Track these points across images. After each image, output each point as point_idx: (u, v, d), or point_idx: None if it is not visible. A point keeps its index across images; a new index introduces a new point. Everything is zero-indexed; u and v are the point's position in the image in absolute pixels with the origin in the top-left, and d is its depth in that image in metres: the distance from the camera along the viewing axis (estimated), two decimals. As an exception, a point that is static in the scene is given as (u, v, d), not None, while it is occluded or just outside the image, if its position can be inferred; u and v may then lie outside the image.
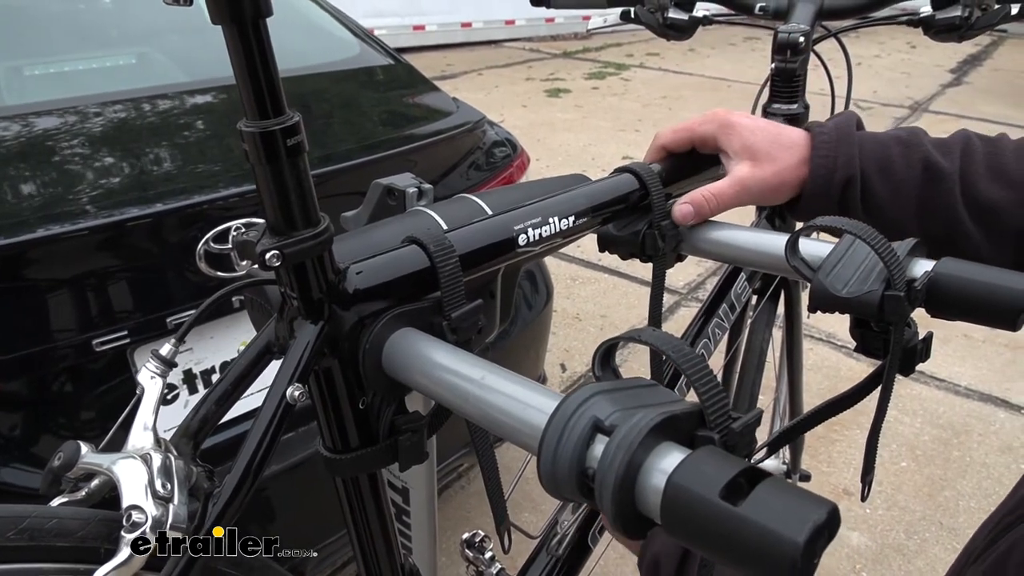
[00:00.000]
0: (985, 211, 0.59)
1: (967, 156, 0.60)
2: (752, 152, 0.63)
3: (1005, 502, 0.47)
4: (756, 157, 0.63)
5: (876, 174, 0.61)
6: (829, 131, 0.64)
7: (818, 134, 0.64)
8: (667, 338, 0.38)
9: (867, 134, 0.64)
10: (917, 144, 0.62)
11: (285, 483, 1.19)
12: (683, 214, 0.64)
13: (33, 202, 1.04)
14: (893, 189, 0.61)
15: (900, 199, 0.61)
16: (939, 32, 0.87)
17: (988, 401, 2.37)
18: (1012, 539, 0.41)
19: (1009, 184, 0.58)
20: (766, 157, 0.63)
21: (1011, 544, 0.41)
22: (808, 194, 0.63)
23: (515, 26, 8.48)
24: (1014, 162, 0.59)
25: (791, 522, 0.28)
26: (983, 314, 0.50)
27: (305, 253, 0.43)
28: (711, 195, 0.63)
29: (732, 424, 0.34)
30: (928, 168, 0.60)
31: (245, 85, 0.37)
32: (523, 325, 1.59)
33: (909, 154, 0.61)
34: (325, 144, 1.31)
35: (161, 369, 0.45)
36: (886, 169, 0.61)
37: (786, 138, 0.64)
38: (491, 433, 0.46)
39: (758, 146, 0.63)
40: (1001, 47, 8.47)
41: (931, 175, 0.60)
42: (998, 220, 0.58)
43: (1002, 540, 0.42)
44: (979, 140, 0.62)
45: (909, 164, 0.61)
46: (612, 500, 0.32)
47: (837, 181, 0.62)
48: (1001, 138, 0.63)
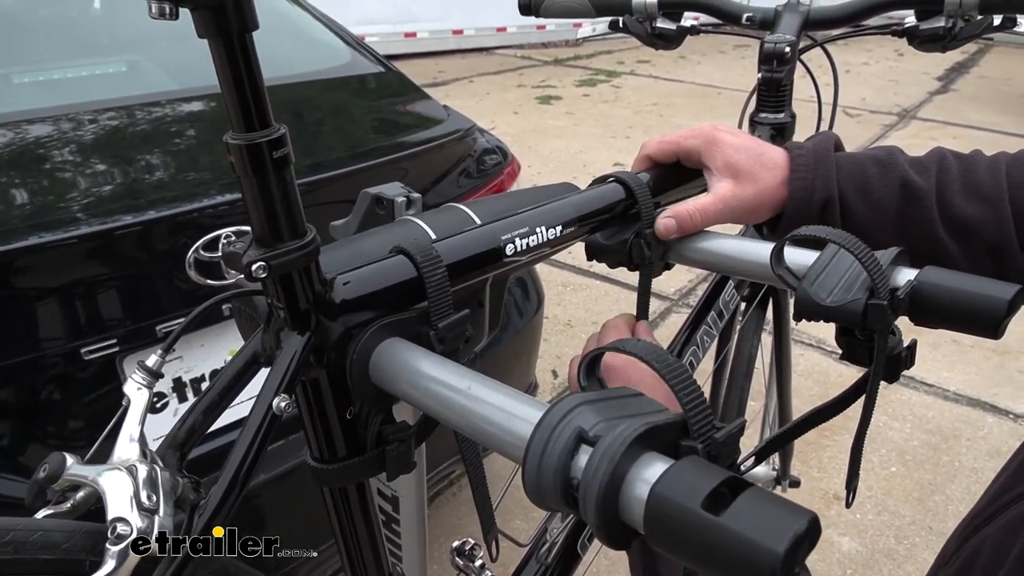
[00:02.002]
0: (961, 227, 0.60)
1: (943, 174, 0.62)
2: (735, 171, 0.65)
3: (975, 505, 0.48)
4: (738, 176, 0.65)
5: (854, 194, 0.63)
6: (807, 152, 0.65)
7: (796, 156, 0.65)
8: (651, 348, 0.38)
9: (844, 155, 0.66)
10: (893, 164, 0.63)
11: (273, 491, 1.19)
12: (666, 228, 0.65)
13: (22, 210, 1.04)
14: (872, 209, 0.62)
15: (879, 218, 0.62)
16: (923, 42, 0.88)
17: (977, 406, 2.39)
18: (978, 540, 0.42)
19: (984, 200, 0.60)
20: (747, 177, 0.64)
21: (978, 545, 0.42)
22: (788, 215, 0.65)
23: (506, 33, 8.51)
24: (988, 178, 0.60)
25: (771, 532, 0.28)
26: (965, 322, 0.51)
27: (291, 264, 0.43)
28: (695, 210, 0.65)
29: (715, 434, 0.35)
30: (905, 187, 0.61)
31: (231, 98, 0.38)
32: (514, 332, 1.59)
33: (886, 174, 0.62)
34: (315, 152, 1.31)
35: (147, 380, 0.45)
36: (864, 189, 0.63)
37: (768, 158, 0.65)
38: (477, 443, 0.46)
39: (740, 165, 0.65)
40: (988, 55, 8.55)
41: (908, 194, 0.61)
42: (974, 236, 0.60)
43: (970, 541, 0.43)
44: (954, 157, 0.63)
45: (887, 184, 0.62)
46: (596, 510, 0.32)
47: (816, 202, 0.63)
48: (975, 154, 0.64)
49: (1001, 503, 0.43)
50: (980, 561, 0.40)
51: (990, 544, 0.40)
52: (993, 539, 0.40)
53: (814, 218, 0.63)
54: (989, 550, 0.40)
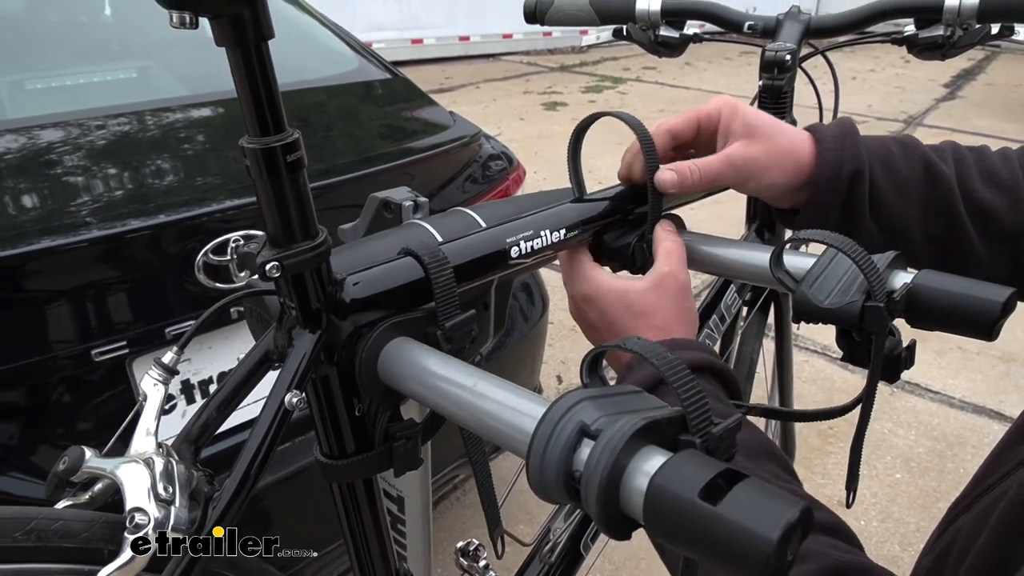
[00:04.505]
0: (982, 213, 0.60)
1: (960, 162, 0.62)
2: (751, 130, 0.62)
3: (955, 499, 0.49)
4: (753, 135, 0.62)
5: (881, 170, 0.61)
6: (832, 129, 0.63)
7: (820, 130, 0.63)
8: (651, 346, 0.39)
9: (867, 136, 0.64)
10: (915, 147, 0.62)
11: (283, 491, 1.20)
12: (666, 179, 0.62)
13: (34, 214, 1.05)
14: (897, 187, 0.61)
15: (904, 198, 0.61)
16: (923, 50, 0.89)
17: (982, 413, 2.39)
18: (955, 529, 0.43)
19: (1001, 188, 0.60)
20: (763, 137, 0.62)
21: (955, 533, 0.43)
22: (816, 187, 0.62)
23: (513, 40, 8.54)
24: (1003, 167, 0.61)
25: (765, 520, 0.29)
26: (960, 324, 0.52)
27: (304, 264, 0.44)
28: (696, 167, 0.62)
29: (713, 429, 0.36)
30: (928, 168, 0.61)
31: (247, 104, 0.39)
32: (519, 336, 1.60)
33: (909, 155, 0.62)
34: (324, 157, 1.33)
35: (163, 376, 0.47)
36: (889, 167, 0.61)
37: (787, 127, 0.64)
38: (483, 439, 0.47)
39: (759, 124, 0.62)
40: (995, 61, 8.55)
41: (931, 175, 0.61)
42: (994, 222, 0.60)
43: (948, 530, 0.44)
44: (966, 149, 0.64)
45: (911, 164, 0.61)
46: (597, 501, 0.33)
47: (845, 174, 0.61)
48: (983, 148, 0.64)
49: (976, 493, 0.44)
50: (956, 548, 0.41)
51: (964, 531, 0.42)
52: (967, 527, 0.42)
53: (842, 192, 0.61)
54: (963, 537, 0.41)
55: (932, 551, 0.45)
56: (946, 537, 0.44)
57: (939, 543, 0.44)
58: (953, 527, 0.44)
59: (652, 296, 0.59)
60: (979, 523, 0.40)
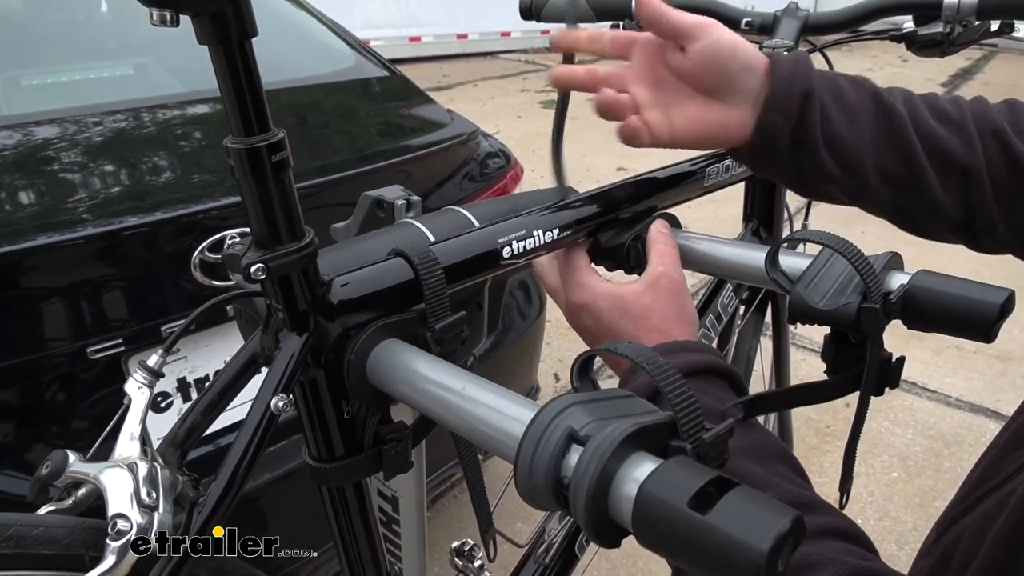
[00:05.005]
0: (936, 149, 0.59)
1: (909, 101, 0.61)
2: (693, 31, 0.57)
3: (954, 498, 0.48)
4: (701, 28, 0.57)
5: (830, 97, 0.59)
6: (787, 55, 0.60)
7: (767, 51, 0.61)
8: (642, 350, 0.38)
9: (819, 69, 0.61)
10: (864, 81, 0.61)
11: (272, 493, 1.19)
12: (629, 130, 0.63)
13: (29, 211, 1.05)
14: (848, 116, 0.59)
15: (856, 127, 0.59)
16: (922, 47, 0.88)
17: (979, 412, 2.38)
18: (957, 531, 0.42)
19: (951, 123, 0.59)
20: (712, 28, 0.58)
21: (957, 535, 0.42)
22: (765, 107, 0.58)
23: (511, 38, 8.52)
24: (950, 106, 0.60)
25: (756, 531, 0.29)
26: (958, 325, 0.51)
27: (290, 266, 0.44)
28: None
29: (704, 435, 0.35)
30: (877, 100, 0.59)
31: (231, 103, 0.38)
32: (516, 335, 1.60)
33: (857, 87, 0.60)
34: (319, 155, 1.32)
35: (148, 379, 0.46)
36: (839, 97, 0.59)
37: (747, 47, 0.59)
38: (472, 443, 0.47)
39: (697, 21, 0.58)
40: (992, 61, 8.54)
41: (882, 108, 0.59)
42: (949, 158, 0.59)
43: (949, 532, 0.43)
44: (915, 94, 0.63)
45: (860, 94, 0.60)
46: (585, 508, 0.33)
47: (796, 93, 0.58)
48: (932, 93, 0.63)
49: (978, 495, 0.44)
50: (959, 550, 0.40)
51: (968, 534, 0.41)
52: (970, 529, 0.41)
53: (793, 114, 0.58)
54: (967, 540, 0.41)
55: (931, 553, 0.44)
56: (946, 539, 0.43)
57: (939, 545, 0.44)
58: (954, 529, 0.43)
59: (648, 298, 0.58)
60: (983, 525, 0.39)
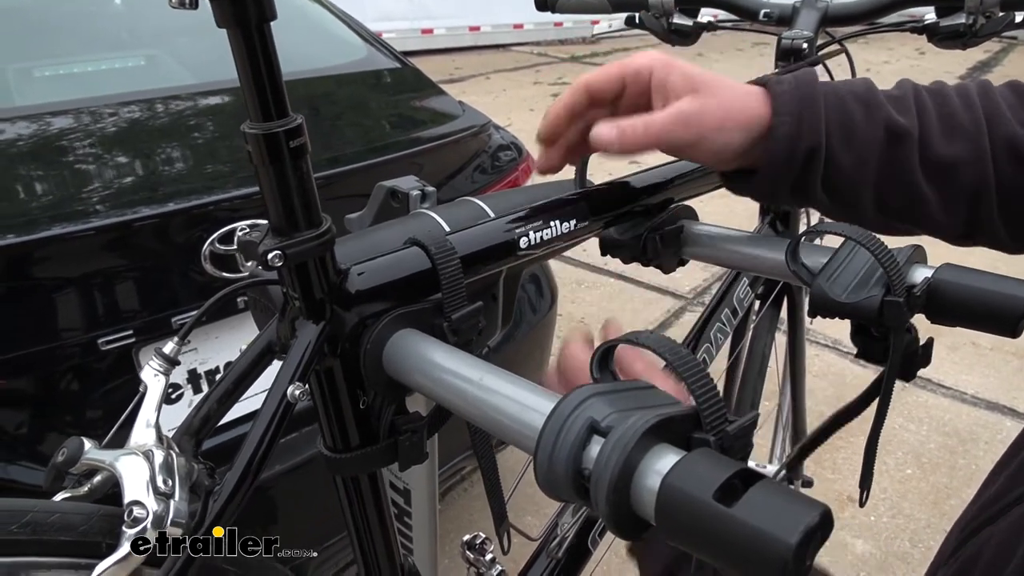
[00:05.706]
0: (941, 170, 0.55)
1: (922, 113, 0.56)
2: (694, 83, 0.54)
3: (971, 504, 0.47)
4: (698, 89, 0.54)
5: (839, 138, 0.55)
6: (788, 85, 0.55)
7: (775, 84, 0.55)
8: (665, 341, 0.38)
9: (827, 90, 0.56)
10: (877, 104, 0.55)
11: (287, 484, 1.20)
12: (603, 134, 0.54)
13: (42, 201, 1.05)
14: (855, 154, 0.55)
15: (861, 165, 0.55)
16: (943, 39, 0.87)
17: (995, 409, 2.36)
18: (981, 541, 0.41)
19: (963, 136, 0.55)
20: (710, 90, 0.54)
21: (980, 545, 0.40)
22: (770, 165, 0.55)
23: (523, 30, 8.50)
24: (963, 111, 0.55)
25: (783, 524, 0.28)
26: (983, 320, 0.50)
27: (307, 253, 0.43)
28: (640, 122, 0.54)
29: (727, 427, 0.35)
30: (889, 129, 0.55)
31: (249, 87, 0.38)
32: (527, 329, 1.59)
33: (871, 114, 0.55)
34: (332, 146, 1.32)
35: (164, 367, 0.46)
36: (849, 134, 0.55)
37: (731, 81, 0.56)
38: (490, 434, 0.46)
39: (702, 77, 0.54)
40: (1011, 53, 8.44)
41: (892, 137, 0.55)
42: (954, 179, 0.55)
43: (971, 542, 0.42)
44: (926, 92, 0.57)
45: (872, 126, 0.55)
46: (607, 501, 0.32)
47: (801, 153, 0.54)
48: (943, 87, 0.58)
49: (1004, 503, 0.42)
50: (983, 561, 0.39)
51: (994, 544, 0.39)
52: (997, 539, 0.39)
53: (796, 171, 0.55)
54: (992, 550, 0.39)
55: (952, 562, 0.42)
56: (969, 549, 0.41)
57: (960, 553, 0.42)
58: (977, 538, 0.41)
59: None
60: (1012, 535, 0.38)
